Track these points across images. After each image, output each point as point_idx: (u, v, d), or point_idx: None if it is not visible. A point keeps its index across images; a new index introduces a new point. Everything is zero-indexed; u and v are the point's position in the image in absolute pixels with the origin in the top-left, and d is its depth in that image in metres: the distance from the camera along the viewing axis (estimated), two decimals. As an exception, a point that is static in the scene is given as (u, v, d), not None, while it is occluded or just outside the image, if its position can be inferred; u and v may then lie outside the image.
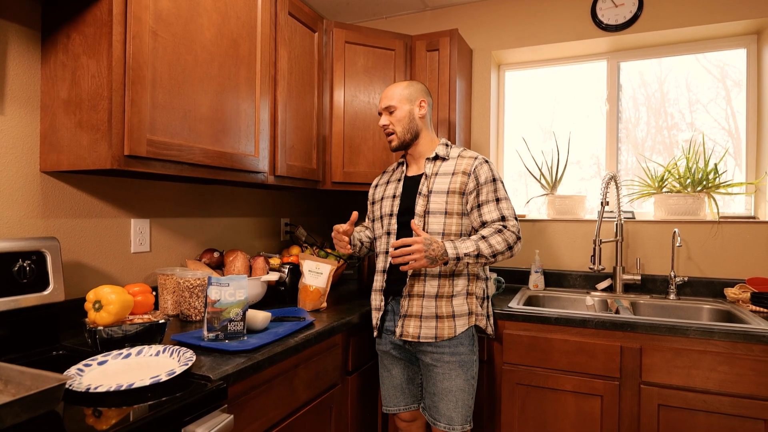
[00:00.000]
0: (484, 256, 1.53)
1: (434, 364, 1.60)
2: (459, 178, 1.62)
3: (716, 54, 2.40)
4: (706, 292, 2.21)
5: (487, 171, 1.62)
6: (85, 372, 1.10)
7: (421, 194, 1.64)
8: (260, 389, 1.28)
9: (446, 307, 1.60)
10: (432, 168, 1.68)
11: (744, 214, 2.32)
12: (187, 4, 1.43)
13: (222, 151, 1.56)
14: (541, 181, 2.63)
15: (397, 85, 1.72)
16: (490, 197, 1.60)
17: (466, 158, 1.66)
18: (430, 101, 1.75)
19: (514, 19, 2.58)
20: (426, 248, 1.46)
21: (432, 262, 1.49)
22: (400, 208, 1.69)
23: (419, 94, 1.71)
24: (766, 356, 1.58)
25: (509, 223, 1.58)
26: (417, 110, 1.70)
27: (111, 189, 1.62)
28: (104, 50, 1.25)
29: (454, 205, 1.61)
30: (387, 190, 1.77)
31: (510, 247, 1.56)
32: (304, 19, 2.01)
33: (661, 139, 2.52)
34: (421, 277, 1.61)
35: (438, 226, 1.61)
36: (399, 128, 1.70)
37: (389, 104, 1.70)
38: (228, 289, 1.35)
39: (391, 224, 1.70)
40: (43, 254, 1.30)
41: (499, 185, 1.62)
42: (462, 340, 1.60)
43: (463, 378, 1.59)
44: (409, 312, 1.62)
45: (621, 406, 1.74)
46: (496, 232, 1.56)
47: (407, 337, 1.61)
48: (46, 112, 1.38)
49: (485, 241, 1.54)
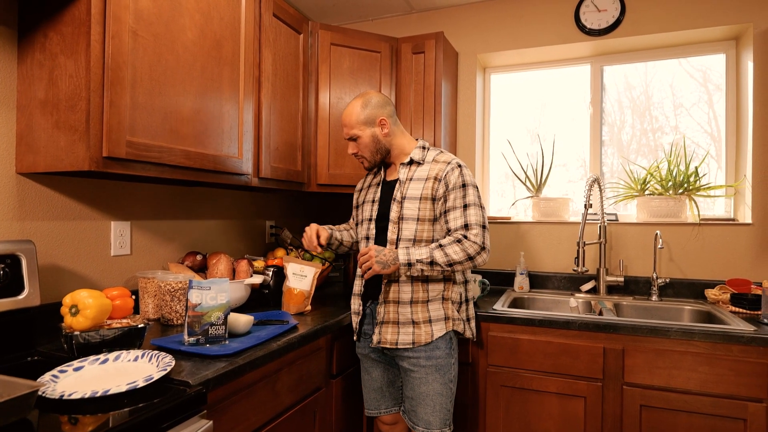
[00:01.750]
0: (439, 265, 1.52)
1: (411, 369, 1.60)
2: (431, 183, 1.60)
3: (698, 58, 2.44)
4: (687, 293, 2.23)
5: (457, 176, 1.58)
6: (60, 378, 1.07)
7: (395, 200, 1.63)
8: (241, 394, 1.27)
9: (422, 312, 1.59)
10: (406, 173, 1.66)
11: (724, 216, 2.35)
12: (168, 4, 1.41)
13: (204, 152, 1.55)
14: (527, 183, 2.65)
15: (352, 108, 1.66)
16: (458, 203, 1.57)
17: (439, 162, 1.63)
18: (389, 111, 1.67)
19: (500, 23, 2.60)
20: (377, 253, 1.54)
21: (384, 266, 1.53)
22: (378, 213, 1.69)
23: (377, 112, 1.65)
24: (745, 356, 1.60)
25: (471, 232, 1.54)
26: (379, 130, 1.65)
27: (90, 191, 1.59)
28: (82, 50, 1.23)
29: (426, 211, 1.59)
30: (368, 195, 1.77)
31: (470, 258, 1.53)
32: (289, 21, 2.00)
33: (646, 141, 2.55)
34: (394, 282, 1.60)
35: (410, 232, 1.60)
36: (367, 153, 1.67)
37: (351, 134, 1.66)
38: (209, 292, 1.34)
39: (370, 229, 1.70)
40: (18, 258, 1.27)
41: (468, 191, 1.58)
42: (438, 344, 1.59)
43: (440, 382, 1.58)
44: (385, 318, 1.61)
45: (604, 407, 1.75)
46: (455, 241, 1.54)
47: (385, 344, 1.61)
48: (22, 112, 1.35)
49: (441, 249, 1.53)
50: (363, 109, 1.65)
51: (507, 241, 2.57)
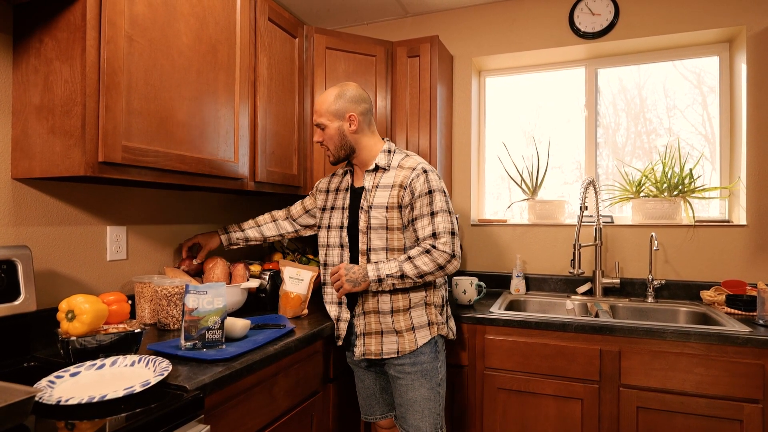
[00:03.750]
0: (410, 278, 1.50)
1: (398, 376, 1.59)
2: (396, 191, 1.56)
3: (692, 61, 2.45)
4: (682, 294, 2.24)
5: (423, 183, 1.54)
6: (57, 384, 1.07)
7: (363, 209, 1.60)
8: (238, 398, 1.27)
9: (404, 320, 1.57)
10: (372, 180, 1.61)
11: (719, 218, 2.37)
12: (163, 9, 1.41)
13: (200, 157, 1.55)
14: (522, 186, 2.66)
15: (326, 97, 1.62)
16: (425, 211, 1.53)
17: (405, 169, 1.58)
18: (362, 109, 1.62)
19: (494, 26, 2.61)
20: (347, 271, 1.54)
21: (354, 284, 1.53)
22: (349, 221, 1.65)
23: (349, 107, 1.60)
24: (740, 358, 1.61)
25: (440, 241, 1.50)
26: (347, 126, 1.61)
27: (86, 196, 1.59)
28: (78, 55, 1.23)
29: (393, 220, 1.56)
30: (336, 200, 1.72)
31: (441, 267, 1.50)
32: (285, 25, 2.01)
33: (641, 143, 2.56)
34: (371, 293, 1.58)
35: (380, 242, 1.57)
36: (331, 146, 1.63)
37: (319, 121, 1.62)
38: (206, 297, 1.33)
39: (343, 237, 1.66)
40: (14, 263, 1.26)
41: (436, 197, 1.54)
42: (423, 349, 1.57)
43: (427, 387, 1.57)
44: (367, 330, 1.60)
45: (601, 408, 1.76)
46: (424, 252, 1.50)
47: (370, 356, 1.59)
48: (17, 117, 1.35)
49: (411, 261, 1.50)
50: (336, 99, 1.60)
51: (503, 244, 2.58)
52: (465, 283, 2.10)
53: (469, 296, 2.10)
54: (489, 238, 2.61)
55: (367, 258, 1.59)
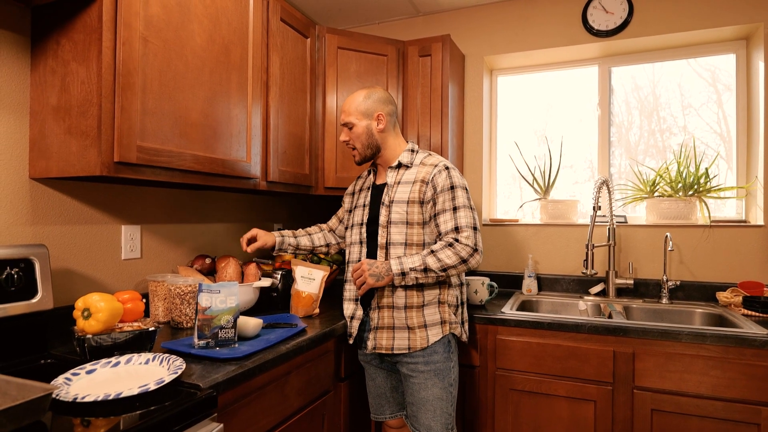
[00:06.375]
0: (433, 271, 1.51)
1: (410, 374, 1.59)
2: (418, 186, 1.59)
3: (707, 59, 2.42)
4: (698, 296, 2.21)
5: (445, 178, 1.57)
6: (73, 381, 1.08)
7: (384, 204, 1.62)
8: (251, 397, 1.27)
9: (417, 317, 1.58)
10: (394, 177, 1.65)
11: (735, 218, 2.33)
12: (177, 10, 1.43)
13: (213, 157, 1.56)
14: (534, 185, 2.64)
15: (354, 97, 1.67)
16: (447, 206, 1.56)
17: (427, 165, 1.62)
18: (390, 110, 1.68)
19: (506, 25, 2.59)
20: (369, 266, 1.54)
21: (377, 279, 1.53)
22: (368, 217, 1.68)
23: (377, 107, 1.65)
24: (758, 360, 1.58)
25: (462, 235, 1.52)
26: (375, 125, 1.65)
27: (101, 195, 1.61)
28: (94, 56, 1.24)
29: (414, 214, 1.58)
30: (359, 199, 1.76)
31: (464, 261, 1.52)
32: (297, 25, 2.02)
33: (654, 142, 2.53)
34: (388, 287, 1.59)
35: (400, 236, 1.59)
36: (358, 144, 1.67)
37: (347, 120, 1.66)
38: (219, 296, 1.34)
39: (362, 233, 1.69)
40: (32, 262, 1.28)
41: (458, 193, 1.56)
42: (436, 348, 1.58)
43: (439, 387, 1.57)
44: (380, 324, 1.61)
45: (614, 411, 1.74)
46: (447, 245, 1.52)
47: (381, 350, 1.60)
48: (35, 118, 1.37)
49: (434, 255, 1.52)
50: (365, 99, 1.66)
51: (515, 244, 2.57)
52: (476, 283, 2.09)
53: (481, 296, 2.09)
54: (501, 238, 2.60)
55: (386, 252, 1.60)
